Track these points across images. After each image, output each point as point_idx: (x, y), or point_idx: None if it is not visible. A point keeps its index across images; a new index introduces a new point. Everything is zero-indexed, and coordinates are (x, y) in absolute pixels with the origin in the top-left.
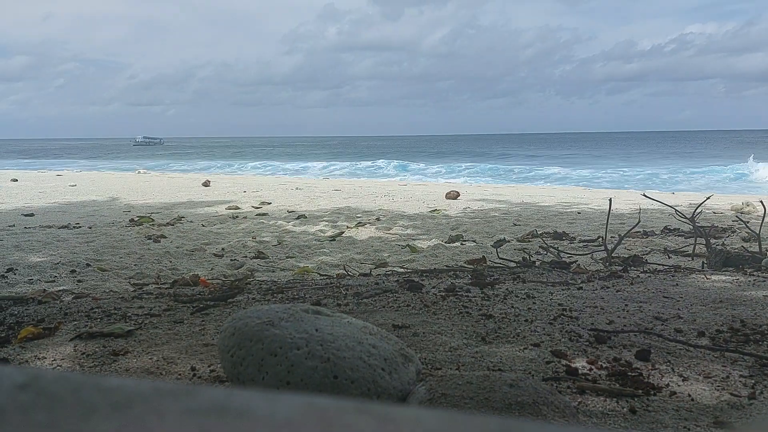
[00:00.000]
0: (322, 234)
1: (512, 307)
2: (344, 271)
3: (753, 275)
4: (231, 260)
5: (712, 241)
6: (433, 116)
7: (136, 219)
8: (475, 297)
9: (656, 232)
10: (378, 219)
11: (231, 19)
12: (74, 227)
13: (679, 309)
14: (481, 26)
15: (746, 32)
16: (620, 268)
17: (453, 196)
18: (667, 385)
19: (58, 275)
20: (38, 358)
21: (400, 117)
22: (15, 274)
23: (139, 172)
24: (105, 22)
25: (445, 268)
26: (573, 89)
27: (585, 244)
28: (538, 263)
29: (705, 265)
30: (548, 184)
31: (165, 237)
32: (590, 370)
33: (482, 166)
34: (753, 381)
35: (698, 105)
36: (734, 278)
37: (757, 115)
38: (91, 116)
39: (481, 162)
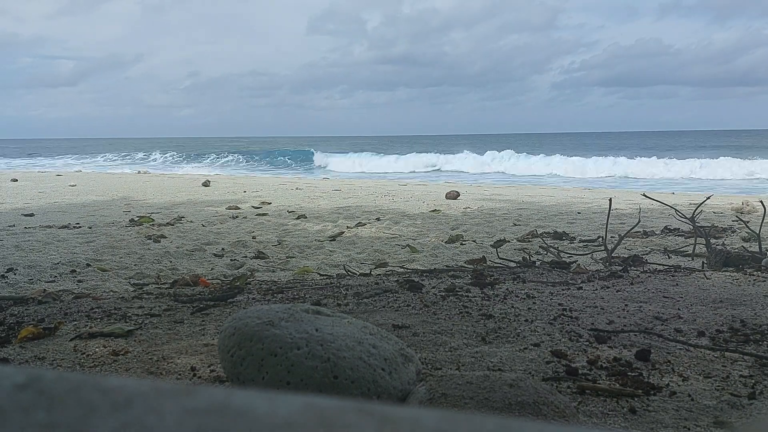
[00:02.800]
0: (322, 234)
1: (512, 307)
2: (344, 271)
3: (753, 275)
4: (231, 260)
5: (712, 241)
6: (433, 117)
7: (136, 219)
8: (475, 297)
9: (656, 232)
10: (378, 219)
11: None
12: (74, 227)
13: (679, 309)
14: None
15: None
16: (620, 268)
17: (453, 196)
18: (667, 385)
19: (58, 275)
20: (38, 358)
21: (399, 118)
22: (15, 274)
23: (139, 172)
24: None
25: (445, 268)
26: (560, 92)
27: (585, 244)
28: (538, 263)
29: (705, 265)
30: (548, 184)
31: (165, 237)
32: (590, 370)
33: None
34: (753, 381)
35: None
36: (734, 278)
37: (732, 117)
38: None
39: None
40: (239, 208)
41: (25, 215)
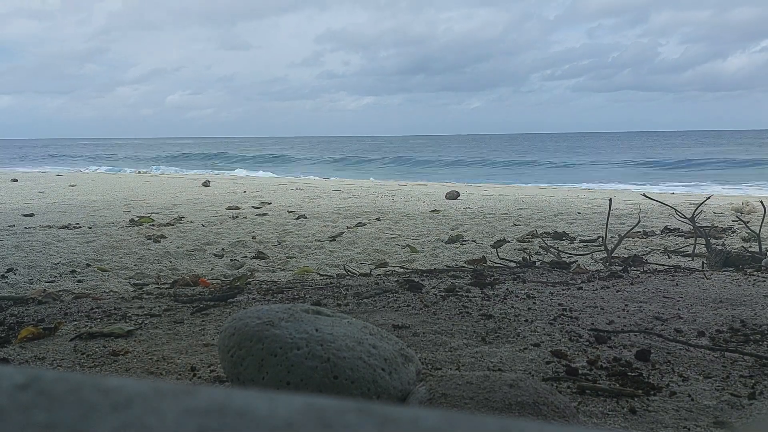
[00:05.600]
0: (322, 234)
1: (512, 307)
2: (344, 271)
3: (753, 275)
4: (231, 260)
5: (712, 241)
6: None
7: (136, 219)
8: (475, 297)
9: (656, 232)
10: (378, 219)
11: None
12: (74, 227)
13: (679, 309)
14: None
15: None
16: (620, 268)
17: (453, 196)
18: (667, 385)
19: (58, 275)
20: (38, 358)
21: (400, 119)
22: (15, 274)
23: (139, 173)
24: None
25: (445, 268)
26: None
27: (585, 244)
28: (538, 263)
29: (705, 265)
30: (548, 184)
31: (165, 237)
32: (590, 370)
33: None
34: (753, 381)
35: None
36: (734, 278)
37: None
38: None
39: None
40: (239, 208)
41: (25, 215)
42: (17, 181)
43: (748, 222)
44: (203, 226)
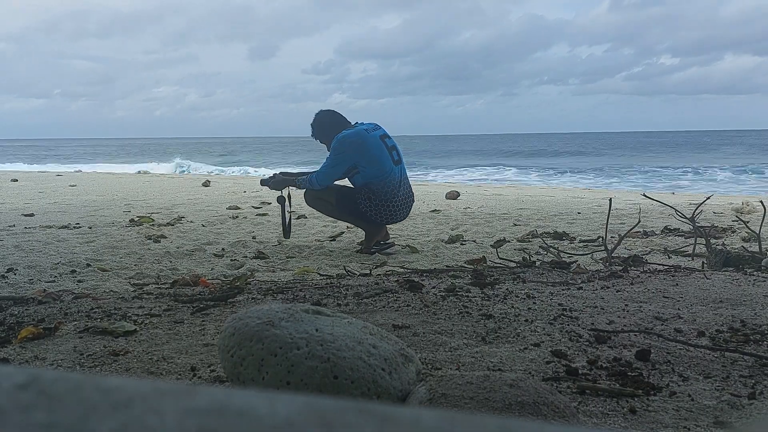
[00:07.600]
0: (322, 234)
1: (512, 307)
2: (344, 271)
3: (753, 275)
4: (231, 260)
5: (712, 241)
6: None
7: (136, 219)
8: (475, 297)
9: (656, 232)
10: None
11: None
12: (74, 227)
13: (679, 309)
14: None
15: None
16: (620, 268)
17: (453, 196)
18: (667, 385)
19: (58, 275)
20: (38, 358)
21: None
22: (15, 274)
23: (139, 172)
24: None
25: (445, 268)
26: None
27: (585, 244)
28: (538, 263)
29: (705, 265)
30: (548, 184)
31: (165, 237)
32: (590, 370)
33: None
34: (753, 381)
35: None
36: (734, 278)
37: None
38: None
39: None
40: (239, 208)
41: (25, 215)
42: (17, 181)
43: (748, 222)
44: (203, 226)
